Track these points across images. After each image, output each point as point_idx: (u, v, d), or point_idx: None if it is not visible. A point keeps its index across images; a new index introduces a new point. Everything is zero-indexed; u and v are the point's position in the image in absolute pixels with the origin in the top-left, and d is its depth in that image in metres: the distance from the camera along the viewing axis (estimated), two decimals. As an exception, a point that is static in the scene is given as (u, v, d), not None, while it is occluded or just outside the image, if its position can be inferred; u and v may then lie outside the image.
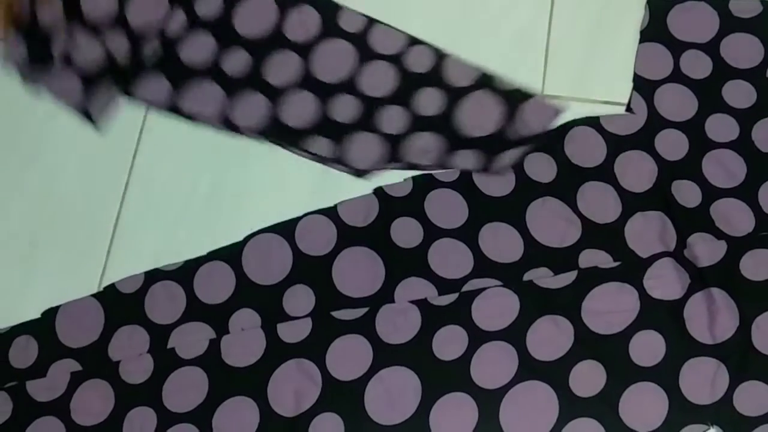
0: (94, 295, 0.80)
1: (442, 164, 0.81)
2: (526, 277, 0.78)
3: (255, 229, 0.81)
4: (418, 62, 0.84)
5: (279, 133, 0.83)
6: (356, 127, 0.82)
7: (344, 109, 0.83)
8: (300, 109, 0.83)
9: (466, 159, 0.81)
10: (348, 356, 0.76)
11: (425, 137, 0.82)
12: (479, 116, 0.82)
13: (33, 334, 0.79)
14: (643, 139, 0.81)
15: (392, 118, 0.82)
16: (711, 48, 0.84)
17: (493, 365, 0.75)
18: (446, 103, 0.83)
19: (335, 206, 0.82)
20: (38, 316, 0.80)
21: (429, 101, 0.83)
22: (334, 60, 0.85)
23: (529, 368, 0.75)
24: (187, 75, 0.84)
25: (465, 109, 0.82)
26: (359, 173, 0.82)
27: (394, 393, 0.75)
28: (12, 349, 0.79)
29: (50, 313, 0.80)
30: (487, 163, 0.81)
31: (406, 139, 0.82)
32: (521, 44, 0.86)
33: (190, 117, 0.84)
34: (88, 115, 0.84)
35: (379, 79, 0.84)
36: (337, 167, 0.82)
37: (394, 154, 0.82)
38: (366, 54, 0.85)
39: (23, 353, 0.78)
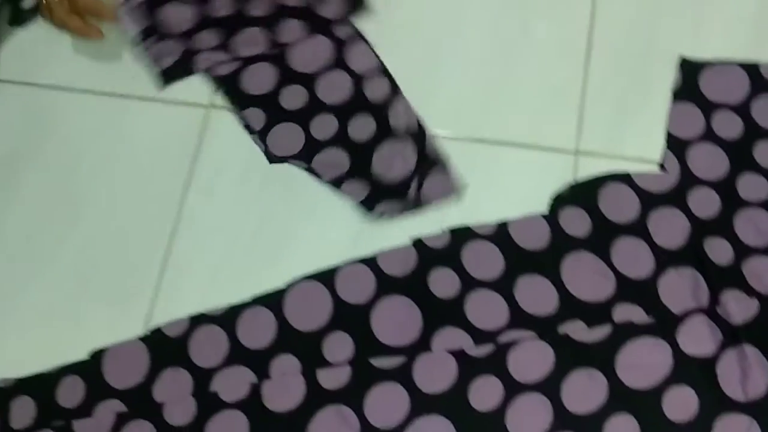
0: (140, 338, 0.82)
1: (336, 184, 0.87)
2: (561, 329, 0.79)
3: (297, 277, 0.83)
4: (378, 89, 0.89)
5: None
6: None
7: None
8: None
9: (354, 190, 0.86)
10: (386, 403, 0.78)
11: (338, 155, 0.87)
12: (391, 159, 0.86)
13: (80, 374, 0.81)
14: (675, 197, 0.84)
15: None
16: (742, 109, 0.87)
17: (529, 416, 0.77)
18: (373, 134, 0.87)
19: (375, 256, 0.84)
20: (86, 356, 0.82)
21: (363, 127, 0.88)
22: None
23: (563, 420, 0.76)
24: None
25: (385, 146, 0.86)
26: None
27: (430, 442, 0.77)
28: (60, 388, 0.81)
29: (98, 355, 0.82)
30: (368, 203, 0.86)
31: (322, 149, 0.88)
32: (556, 100, 0.89)
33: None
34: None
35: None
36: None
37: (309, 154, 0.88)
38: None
39: (71, 393, 0.81)
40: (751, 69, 0.88)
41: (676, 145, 0.86)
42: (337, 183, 0.87)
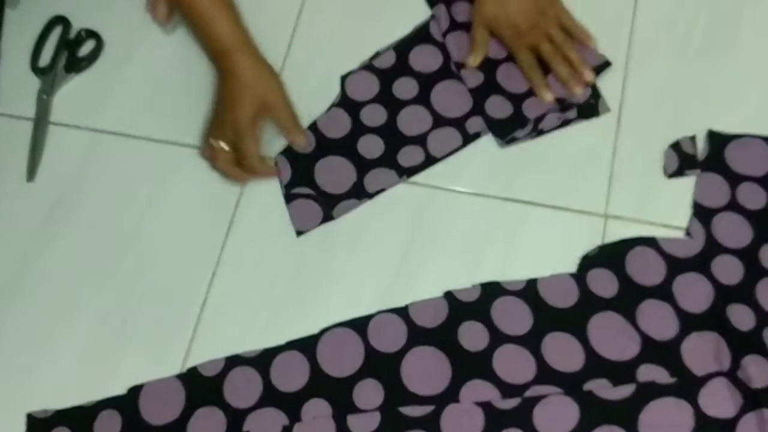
0: (177, 376, 0.85)
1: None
2: (586, 386, 0.82)
3: (330, 323, 0.86)
4: None
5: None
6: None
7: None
8: None
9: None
10: (413, 451, 0.81)
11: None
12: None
13: (118, 408, 0.84)
14: (700, 263, 0.86)
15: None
16: (766, 182, 0.90)
17: (553, 471, 0.79)
18: None
19: (406, 306, 0.87)
20: (124, 391, 0.85)
21: None
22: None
23: (587, 475, 0.79)
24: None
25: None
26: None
27: (456, 491, 0.79)
28: (97, 421, 0.84)
29: (135, 390, 0.85)
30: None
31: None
32: (588, 165, 0.92)
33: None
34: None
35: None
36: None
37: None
38: None
39: (107, 426, 0.83)
40: (775, 143, 0.92)
41: (702, 213, 0.89)
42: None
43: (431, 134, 0.95)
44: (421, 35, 1.00)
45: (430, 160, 0.94)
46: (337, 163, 0.94)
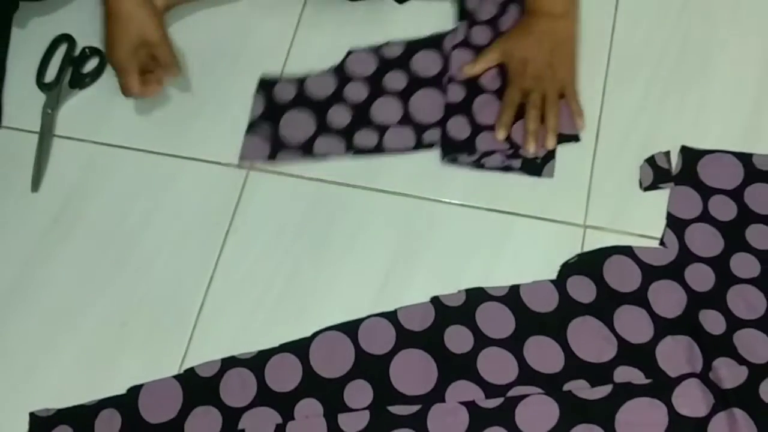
0: (175, 376, 0.89)
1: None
2: (566, 387, 0.85)
3: (322, 326, 0.90)
4: None
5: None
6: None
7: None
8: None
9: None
10: (401, 448, 0.84)
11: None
12: None
13: (118, 407, 0.87)
14: (674, 271, 0.91)
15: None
16: (736, 195, 0.94)
17: (533, 468, 0.83)
18: None
19: (395, 311, 0.91)
20: (124, 391, 0.88)
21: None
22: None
23: (566, 472, 0.82)
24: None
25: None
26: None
27: (441, 486, 0.82)
28: (98, 420, 0.87)
29: (134, 390, 0.88)
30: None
31: None
32: (568, 178, 0.97)
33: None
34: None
35: None
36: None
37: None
38: None
39: (108, 425, 0.86)
40: (745, 158, 0.96)
41: (675, 224, 0.93)
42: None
43: (392, 128, 1.00)
44: (433, 41, 1.05)
45: (379, 149, 0.99)
46: (303, 117, 1.02)
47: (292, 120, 1.02)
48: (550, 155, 0.97)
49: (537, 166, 0.97)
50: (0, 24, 0.96)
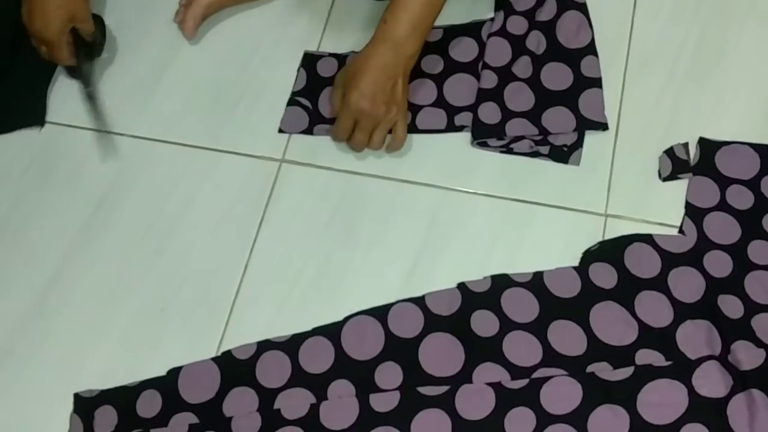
0: (212, 359, 0.92)
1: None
2: (589, 369, 0.89)
3: (353, 311, 0.93)
4: None
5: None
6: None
7: None
8: None
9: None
10: (430, 427, 0.87)
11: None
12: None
13: (158, 388, 0.91)
14: (693, 258, 0.94)
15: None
16: (753, 184, 0.98)
17: (558, 445, 0.86)
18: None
19: (423, 296, 0.94)
20: (164, 373, 0.92)
21: None
22: None
23: (589, 449, 0.86)
24: None
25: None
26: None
27: (469, 465, 0.86)
28: (139, 400, 0.91)
29: (174, 372, 0.92)
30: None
31: None
32: (589, 168, 1.00)
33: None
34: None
35: None
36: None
37: None
38: None
39: (149, 405, 0.90)
40: (762, 149, 0.99)
41: (694, 212, 0.96)
42: None
43: (426, 109, 1.04)
44: (471, 28, 1.09)
45: (411, 129, 1.03)
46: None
47: (327, 95, 1.05)
48: (578, 143, 1.01)
49: (564, 154, 1.00)
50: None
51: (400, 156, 1.02)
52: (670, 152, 1.00)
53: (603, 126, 1.01)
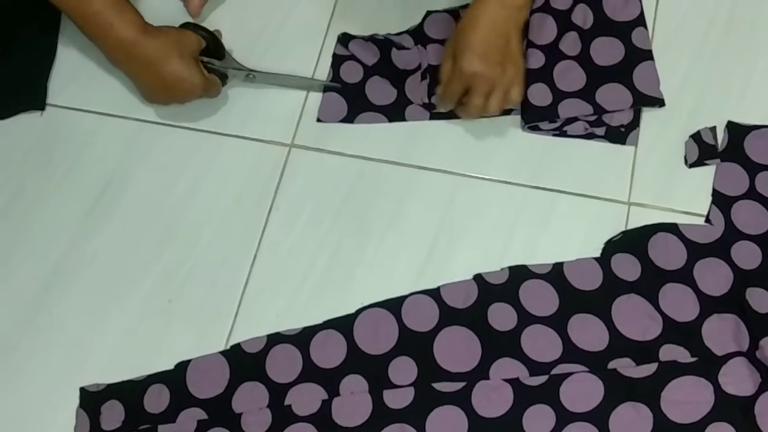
0: (221, 352, 0.90)
1: None
2: (611, 365, 0.86)
3: (366, 304, 0.91)
4: None
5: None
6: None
7: None
8: None
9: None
10: (445, 425, 0.85)
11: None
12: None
13: (166, 383, 0.89)
14: (720, 248, 0.90)
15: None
16: (784, 170, 0.94)
17: (579, 444, 0.83)
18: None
19: (438, 288, 0.91)
20: (171, 367, 0.90)
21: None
22: None
23: (611, 449, 0.83)
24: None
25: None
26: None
27: (486, 463, 0.83)
28: (147, 395, 0.88)
29: (182, 366, 0.90)
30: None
31: None
32: (611, 154, 0.96)
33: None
34: None
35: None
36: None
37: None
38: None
39: (157, 400, 0.88)
40: (793, 134, 0.95)
41: (721, 200, 0.93)
42: None
43: None
44: None
45: (455, 113, 0.98)
46: (382, 81, 1.01)
47: (375, 83, 1.01)
48: (635, 123, 0.97)
49: (621, 135, 0.96)
50: (50, 9, 0.96)
51: (414, 140, 0.99)
52: (696, 137, 0.96)
53: (660, 102, 0.97)
